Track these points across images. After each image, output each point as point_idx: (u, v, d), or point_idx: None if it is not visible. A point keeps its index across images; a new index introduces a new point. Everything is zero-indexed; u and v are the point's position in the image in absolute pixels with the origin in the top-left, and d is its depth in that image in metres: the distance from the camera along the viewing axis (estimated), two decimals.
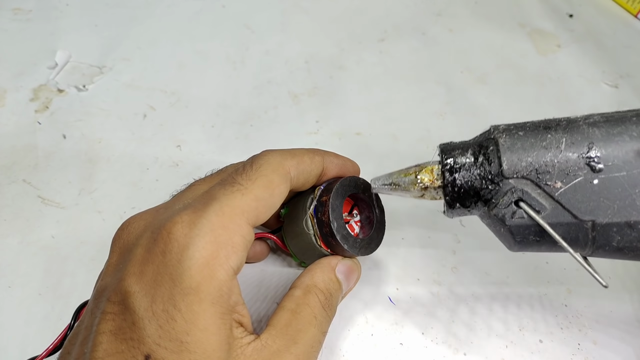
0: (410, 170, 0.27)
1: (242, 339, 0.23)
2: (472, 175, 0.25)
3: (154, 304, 0.21)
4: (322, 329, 0.26)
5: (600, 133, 0.23)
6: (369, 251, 0.30)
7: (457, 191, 0.25)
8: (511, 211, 0.24)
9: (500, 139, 0.25)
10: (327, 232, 0.27)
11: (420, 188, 0.26)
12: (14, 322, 0.32)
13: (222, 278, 0.22)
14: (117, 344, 0.21)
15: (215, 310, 0.22)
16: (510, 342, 0.32)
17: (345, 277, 0.29)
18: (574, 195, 0.23)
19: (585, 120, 0.24)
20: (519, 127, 0.25)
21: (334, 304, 0.28)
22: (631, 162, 0.22)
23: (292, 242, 0.30)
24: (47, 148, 0.42)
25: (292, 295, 0.27)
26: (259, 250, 0.34)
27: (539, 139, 0.24)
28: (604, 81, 0.51)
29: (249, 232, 0.23)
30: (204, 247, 0.22)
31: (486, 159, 0.25)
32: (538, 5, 0.59)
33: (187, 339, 0.21)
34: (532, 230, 0.24)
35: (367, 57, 0.52)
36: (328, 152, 0.30)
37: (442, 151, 0.26)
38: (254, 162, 0.26)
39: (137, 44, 0.51)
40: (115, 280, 0.23)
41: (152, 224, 0.24)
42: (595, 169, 0.23)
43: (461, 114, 0.46)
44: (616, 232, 0.23)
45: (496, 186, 0.25)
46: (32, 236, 0.36)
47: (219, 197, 0.23)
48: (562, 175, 0.23)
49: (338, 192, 0.28)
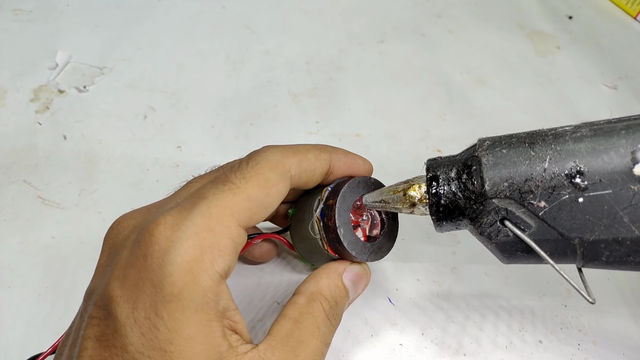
0: (399, 188, 0.27)
1: (237, 348, 0.22)
2: (456, 195, 0.25)
3: (135, 310, 0.20)
4: (325, 340, 0.25)
5: (586, 149, 0.22)
6: (379, 257, 0.28)
7: (442, 210, 0.25)
8: (496, 229, 0.24)
9: (484, 157, 0.24)
10: (334, 237, 0.26)
11: (409, 205, 0.26)
12: (14, 322, 0.32)
13: (206, 284, 0.21)
14: (101, 350, 0.20)
15: (200, 317, 0.20)
16: (510, 342, 0.32)
17: (352, 283, 0.27)
18: (559, 214, 0.23)
19: (572, 134, 0.23)
20: (504, 142, 0.24)
21: (339, 313, 0.26)
22: (617, 181, 0.21)
23: (300, 245, 0.29)
24: (47, 148, 0.42)
25: (295, 302, 0.25)
26: (265, 250, 0.32)
27: (523, 157, 0.23)
28: (603, 82, 0.51)
29: (239, 234, 0.22)
30: (186, 252, 0.20)
31: (469, 178, 0.25)
32: (537, 6, 0.60)
33: (170, 348, 0.20)
34: (519, 247, 0.24)
35: (367, 58, 0.52)
36: (336, 149, 0.28)
37: (427, 169, 0.26)
38: (251, 159, 0.24)
39: (138, 44, 0.52)
40: (102, 284, 0.22)
41: (140, 224, 0.23)
42: (580, 187, 0.22)
43: (461, 115, 0.47)
44: (604, 248, 0.22)
45: (480, 205, 0.24)
46: (32, 236, 0.36)
47: (207, 196, 0.22)
48: (545, 195, 0.23)
49: (345, 196, 0.27)
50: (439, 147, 0.44)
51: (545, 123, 0.46)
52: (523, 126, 0.46)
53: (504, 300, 0.34)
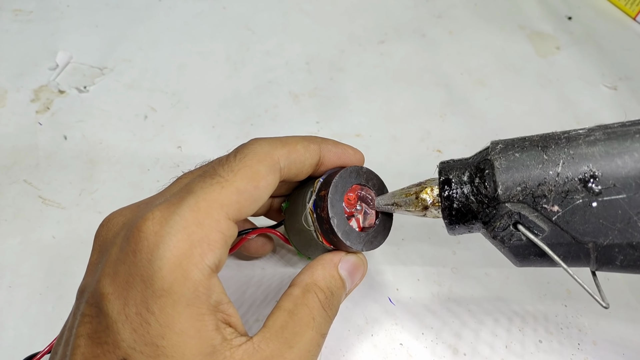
0: (412, 190, 0.27)
1: (231, 341, 0.21)
2: (468, 199, 0.25)
3: (126, 306, 0.20)
4: (321, 330, 0.25)
5: (600, 153, 0.22)
6: (375, 246, 0.28)
7: (455, 214, 0.25)
8: (509, 233, 0.24)
9: (496, 161, 0.24)
10: (328, 228, 0.26)
11: (422, 208, 0.26)
12: (15, 321, 0.32)
13: (196, 278, 0.20)
14: (94, 347, 0.21)
15: (191, 312, 0.20)
16: (510, 342, 0.32)
17: (348, 273, 0.27)
18: (572, 218, 0.23)
19: (585, 137, 0.23)
20: (516, 146, 0.24)
21: (336, 304, 0.26)
22: (631, 185, 0.21)
23: (295, 238, 0.30)
24: (48, 149, 0.42)
25: (290, 294, 0.25)
26: (260, 245, 0.32)
27: (536, 160, 0.23)
28: (603, 83, 0.51)
29: (228, 228, 0.22)
30: (175, 246, 0.20)
31: (482, 182, 0.24)
32: (537, 7, 0.60)
33: (162, 343, 0.20)
34: (532, 250, 0.24)
35: (368, 58, 0.52)
36: (326, 140, 0.28)
37: (440, 172, 0.26)
38: (238, 152, 0.24)
39: (138, 45, 0.52)
40: (93, 281, 0.22)
41: (129, 221, 0.23)
42: (593, 192, 0.22)
43: (461, 115, 0.47)
44: (618, 252, 0.22)
45: (493, 209, 0.24)
46: (32, 236, 0.36)
47: (195, 190, 0.22)
48: (559, 199, 0.23)
49: (337, 186, 0.27)
50: (439, 148, 0.44)
51: (546, 123, 0.47)
52: (523, 127, 0.46)
53: (504, 300, 0.34)
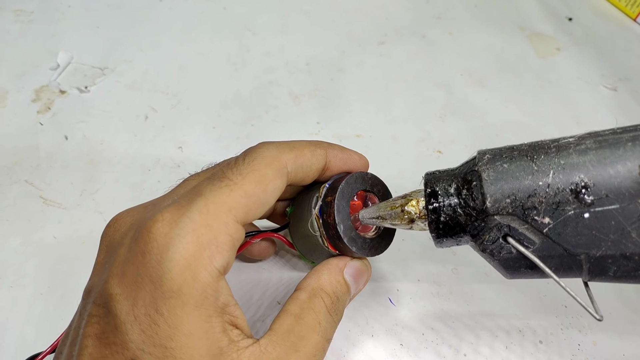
0: (397, 203, 0.26)
1: (238, 343, 0.22)
2: (456, 212, 0.24)
3: (135, 307, 0.20)
4: (327, 335, 0.25)
5: (591, 162, 0.21)
6: (379, 251, 0.28)
7: (442, 227, 0.25)
8: (499, 246, 0.23)
9: (484, 172, 0.23)
10: (334, 234, 0.26)
11: (407, 221, 0.26)
12: (15, 321, 0.32)
13: (205, 280, 0.21)
14: (102, 348, 0.21)
15: (200, 313, 0.21)
16: (511, 342, 0.32)
17: (353, 279, 0.27)
18: (564, 230, 0.22)
19: (576, 146, 0.22)
20: (504, 156, 0.24)
21: (341, 308, 0.27)
22: (624, 195, 0.21)
23: (299, 242, 0.30)
24: (49, 149, 0.42)
25: (297, 298, 0.25)
26: (263, 248, 0.33)
27: (525, 171, 0.22)
28: (602, 84, 0.51)
29: (236, 230, 0.22)
30: (185, 248, 0.20)
31: (470, 194, 0.24)
32: (537, 8, 0.60)
33: (171, 344, 0.20)
34: (522, 263, 0.23)
35: (368, 59, 0.52)
36: (332, 145, 0.28)
37: (426, 184, 0.26)
38: (247, 156, 0.24)
39: (139, 45, 0.52)
40: (100, 281, 0.22)
41: (137, 222, 0.23)
42: (585, 203, 0.21)
43: (461, 116, 0.47)
44: (611, 263, 0.22)
45: (481, 222, 0.23)
46: (33, 236, 0.36)
47: (204, 193, 0.22)
48: (550, 211, 0.22)
49: (344, 192, 0.27)
50: (439, 148, 0.44)
51: (545, 124, 0.47)
52: (523, 127, 0.46)
53: (504, 301, 0.34)
